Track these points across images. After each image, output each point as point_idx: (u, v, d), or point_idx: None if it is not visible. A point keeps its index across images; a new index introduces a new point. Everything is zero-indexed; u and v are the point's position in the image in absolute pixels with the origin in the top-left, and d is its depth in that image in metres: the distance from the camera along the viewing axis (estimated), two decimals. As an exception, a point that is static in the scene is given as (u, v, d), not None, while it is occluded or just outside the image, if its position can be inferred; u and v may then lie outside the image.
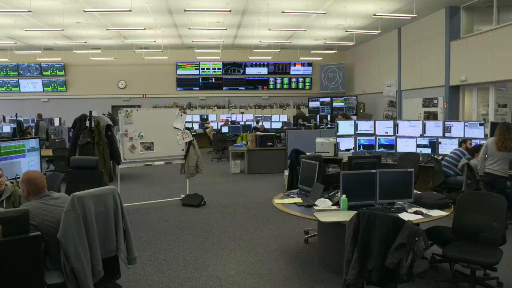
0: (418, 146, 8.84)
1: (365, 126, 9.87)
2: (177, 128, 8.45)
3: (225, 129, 16.96)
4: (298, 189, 5.95)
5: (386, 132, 9.53)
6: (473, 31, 12.68)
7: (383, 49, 17.37)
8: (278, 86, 21.87)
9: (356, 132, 9.79)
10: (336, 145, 9.37)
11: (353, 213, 3.75)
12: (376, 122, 9.87)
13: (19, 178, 3.75)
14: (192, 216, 7.52)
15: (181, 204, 8.34)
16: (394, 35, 16.30)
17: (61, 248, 3.25)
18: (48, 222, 3.37)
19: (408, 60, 15.49)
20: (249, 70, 21.66)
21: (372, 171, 4.90)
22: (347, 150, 9.40)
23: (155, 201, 8.49)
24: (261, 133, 12.87)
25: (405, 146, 9.00)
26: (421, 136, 9.05)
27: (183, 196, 8.54)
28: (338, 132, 9.89)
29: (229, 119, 19.60)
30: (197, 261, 5.35)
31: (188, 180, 8.73)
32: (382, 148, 9.28)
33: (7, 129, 16.12)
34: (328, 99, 20.82)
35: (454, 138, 8.56)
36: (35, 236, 2.93)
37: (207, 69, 21.56)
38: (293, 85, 21.93)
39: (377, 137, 9.40)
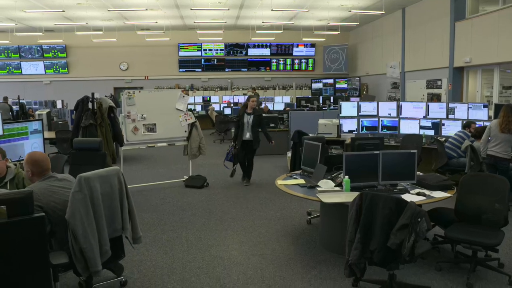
0: (421, 127, 8.82)
1: (368, 107, 9.84)
2: (180, 110, 8.44)
3: (227, 111, 16.93)
4: (300, 170, 5.98)
5: (389, 114, 9.51)
6: (479, 11, 12.52)
7: (387, 30, 17.21)
8: (281, 67, 21.77)
9: (359, 114, 9.76)
10: (339, 127, 9.37)
11: (355, 194, 3.76)
12: (379, 103, 9.84)
13: (22, 160, 3.76)
14: (195, 198, 7.56)
15: (184, 185, 8.38)
16: (398, 16, 16.13)
17: (69, 228, 3.29)
18: (55, 203, 3.39)
19: (412, 41, 15.35)
20: (252, 51, 21.54)
21: (375, 152, 4.91)
22: (350, 131, 9.40)
23: (158, 183, 8.53)
24: (264, 115, 12.82)
25: (408, 127, 8.98)
26: (425, 117, 9.03)
27: (186, 177, 8.58)
28: (341, 113, 9.87)
29: (232, 100, 19.57)
30: (201, 241, 5.40)
31: (191, 162, 8.75)
32: (385, 130, 9.27)
33: (9, 111, 16.09)
34: (331, 81, 20.74)
35: (458, 120, 8.53)
36: (40, 217, 2.95)
37: (209, 50, 21.45)
38: (296, 66, 21.82)
39: (380, 119, 9.38)
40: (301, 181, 5.36)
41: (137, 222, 3.89)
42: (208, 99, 20.23)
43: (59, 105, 18.35)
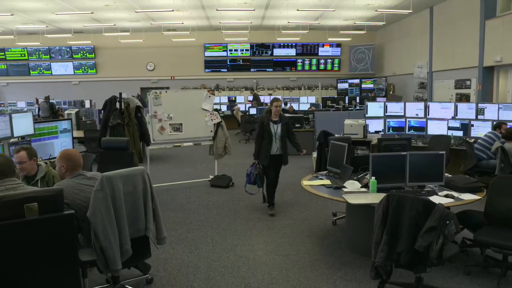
0: (449, 128, 8.66)
1: (394, 108, 9.72)
2: (206, 110, 8.49)
3: (252, 111, 16.95)
4: (326, 171, 5.94)
5: (417, 114, 9.37)
6: (510, 9, 12.23)
7: (414, 29, 16.96)
8: (306, 67, 21.69)
9: (386, 114, 9.65)
10: (365, 127, 9.27)
11: (382, 195, 3.72)
12: (406, 103, 9.71)
13: (53, 158, 3.84)
14: (221, 197, 7.59)
15: (210, 185, 8.43)
16: (426, 15, 15.87)
17: (91, 226, 3.35)
18: (80, 201, 3.45)
19: (440, 40, 15.08)
20: (277, 52, 21.52)
21: (402, 153, 4.84)
22: (376, 132, 9.29)
23: (184, 182, 8.60)
24: (290, 115, 12.81)
25: (436, 128, 8.83)
26: (453, 118, 8.85)
27: (211, 177, 8.62)
28: (367, 114, 9.77)
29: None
30: (226, 241, 5.42)
31: (217, 161, 8.79)
32: (412, 131, 9.13)
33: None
34: (357, 81, 20.56)
35: (488, 120, 8.34)
36: (69, 215, 3.01)
37: (235, 50, 21.53)
38: (322, 66, 21.71)
39: (407, 119, 9.25)
40: (327, 181, 5.33)
41: (162, 223, 3.90)
42: (233, 99, 20.30)
43: (87, 105, 18.72)
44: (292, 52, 21.56)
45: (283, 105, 17.44)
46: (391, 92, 19.05)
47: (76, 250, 3.10)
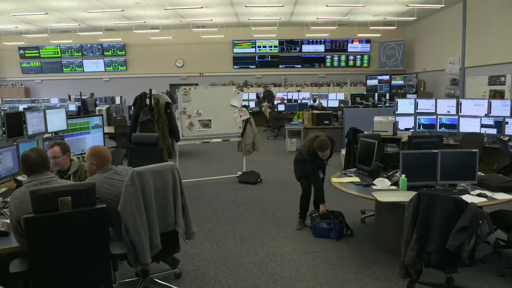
0: (482, 126, 8.43)
1: (425, 104, 9.54)
2: (234, 106, 8.52)
3: (281, 107, 16.92)
4: (355, 168, 5.88)
5: (448, 111, 9.17)
6: (547, 2, 11.85)
7: (446, 24, 16.58)
8: (335, 63, 21.49)
9: (416, 111, 9.48)
10: (395, 124, 9.15)
11: (412, 193, 3.67)
12: (438, 100, 9.51)
13: (85, 153, 3.92)
14: (249, 193, 7.62)
15: (238, 181, 8.46)
16: (459, 9, 15.50)
17: (122, 220, 3.41)
18: (111, 196, 3.51)
19: (473, 35, 14.71)
20: (306, 48, 21.39)
21: (434, 151, 4.76)
22: (407, 129, 9.14)
23: (213, 178, 8.66)
24: (318, 111, 12.75)
25: (468, 126, 8.62)
26: (486, 115, 8.63)
27: (240, 173, 8.66)
28: (397, 110, 9.63)
29: (285, 97, 19.54)
30: (253, 237, 5.44)
31: (245, 158, 8.82)
32: (443, 128, 8.94)
33: (72, 107, 16.88)
34: (386, 77, 20.25)
35: (523, 117, 8.10)
36: (101, 208, 3.07)
37: (263, 47, 21.51)
38: (351, 62, 21.47)
39: (438, 116, 9.06)
40: (356, 179, 5.29)
41: (191, 218, 3.94)
42: (262, 95, 20.30)
43: (117, 101, 19.08)
44: (321, 48, 21.39)
45: (311, 101, 17.43)
46: (421, 89, 18.70)
47: (108, 243, 3.16)
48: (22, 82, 22.19)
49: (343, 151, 8.67)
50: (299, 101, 18.24)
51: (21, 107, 16.18)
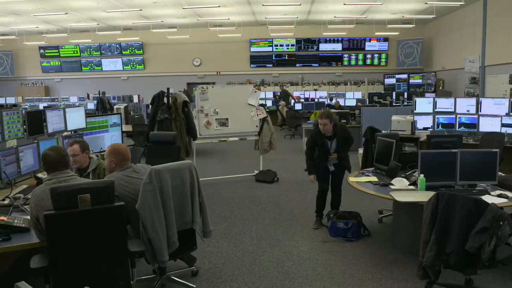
0: (503, 125, 8.29)
1: (444, 103, 9.41)
2: (252, 105, 8.53)
3: (298, 106, 16.88)
4: (373, 168, 5.84)
5: (468, 110, 9.03)
6: None
7: (466, 22, 16.33)
8: (353, 62, 21.34)
9: (435, 110, 9.36)
10: (413, 123, 9.05)
11: (431, 193, 3.63)
12: (457, 99, 9.37)
13: (103, 151, 3.96)
14: (266, 192, 7.62)
15: (255, 179, 8.47)
16: (479, 6, 15.24)
17: (140, 218, 3.43)
18: (129, 194, 3.55)
19: (494, 33, 14.45)
20: (323, 46, 21.29)
21: (453, 150, 4.70)
22: (425, 128, 9.04)
23: (230, 176, 8.67)
24: (335, 110, 12.68)
25: (488, 125, 8.48)
26: (507, 115, 8.48)
27: (256, 172, 8.66)
28: (415, 109, 9.51)
29: (302, 96, 19.47)
30: (270, 236, 5.43)
31: (262, 156, 8.82)
32: (462, 127, 8.82)
33: (91, 106, 17.07)
34: (405, 76, 20.04)
35: (545, 117, 7.94)
36: (119, 206, 3.10)
37: (280, 45, 21.47)
38: (368, 61, 21.31)
39: (458, 116, 8.94)
40: (374, 178, 5.25)
41: (208, 216, 3.96)
42: (278, 94, 20.26)
43: (135, 100, 19.22)
44: (338, 47, 21.27)
45: (328, 100, 17.35)
46: (440, 88, 18.47)
47: (126, 240, 3.19)
48: (42, 81, 22.55)
49: (361, 150, 8.61)
50: (316, 100, 18.17)
51: (41, 106, 16.43)
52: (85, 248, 3.01)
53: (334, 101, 16.40)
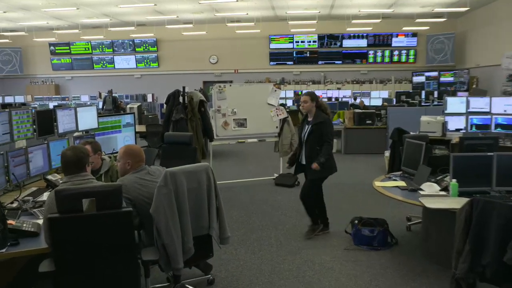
0: (544, 127, 8.15)
1: (478, 103, 9.26)
2: (271, 105, 8.52)
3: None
4: (400, 172, 5.78)
5: (505, 111, 8.87)
6: None
7: (504, 14, 16.03)
8: (379, 59, 21.19)
9: (468, 110, 9.23)
10: (444, 125, 8.93)
11: (464, 200, 3.57)
12: (492, 98, 9.22)
13: (116, 152, 3.97)
14: (286, 197, 7.59)
15: (274, 183, 8.45)
16: (518, -2, 15.00)
17: (154, 223, 3.44)
18: (143, 197, 3.56)
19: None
20: (347, 43, 21.18)
21: (488, 153, 4.61)
22: (457, 130, 8.92)
23: (248, 180, 8.67)
24: (360, 110, 12.61)
25: (528, 126, 8.34)
26: (548, 115, 8.32)
27: (276, 175, 8.64)
28: (446, 110, 9.38)
29: (325, 95, 19.41)
30: (291, 243, 5.41)
31: (282, 159, 8.79)
32: (499, 129, 8.67)
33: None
34: (435, 73, 19.81)
35: None
36: (127, 212, 3.08)
37: (302, 42, 21.44)
38: (395, 58, 21.12)
39: (493, 116, 8.80)
40: (402, 183, 5.19)
41: (226, 222, 3.94)
42: (299, 93, 20.21)
43: (149, 99, 19.39)
44: (363, 43, 21.13)
45: (352, 100, 17.24)
46: (474, 86, 18.19)
47: (135, 247, 3.19)
48: (52, 79, 22.94)
49: (387, 153, 8.53)
50: (339, 100, 18.08)
51: (51, 105, 16.68)
52: (90, 254, 3.01)
53: (358, 100, 16.30)
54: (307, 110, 5.64)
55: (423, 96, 17.15)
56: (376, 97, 18.56)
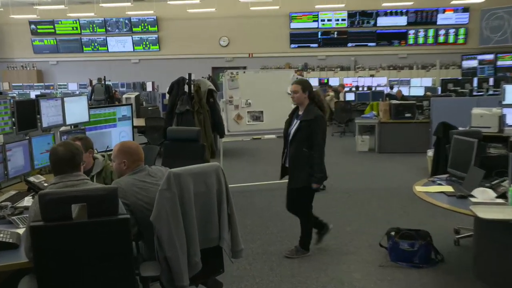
0: None
1: (544, 92, 9.21)
2: (292, 94, 8.51)
3: (350, 96, 16.78)
4: (447, 174, 5.75)
5: None
6: None
7: None
8: (420, 40, 21.10)
9: (531, 101, 9.17)
10: (501, 118, 8.87)
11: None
12: None
13: (109, 151, 3.99)
14: (309, 204, 7.59)
15: (295, 187, 8.45)
16: None
17: (155, 232, 3.45)
18: (142, 202, 3.56)
19: None
20: (382, 21, 21.13)
21: (556, 154, 4.57)
22: (517, 125, 8.87)
23: (264, 183, 8.66)
24: (397, 102, 12.55)
25: None
26: None
27: (297, 178, 8.64)
28: (504, 100, 9.31)
29: (356, 83, 19.36)
30: (315, 258, 5.41)
31: (304, 159, 8.79)
32: None
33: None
34: (490, 56, 19.66)
35: None
36: (124, 219, 3.08)
37: (328, 20, 21.44)
38: (441, 38, 21.00)
39: None
40: (448, 188, 5.15)
41: (238, 232, 3.94)
42: (325, 81, 20.19)
43: (149, 88, 19.49)
44: (401, 21, 21.04)
45: (388, 89, 17.16)
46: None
47: (131, 260, 3.20)
48: (34, 63, 23.17)
49: (430, 152, 8.49)
50: (372, 89, 18.02)
51: (33, 94, 16.84)
52: (79, 268, 3.01)
53: (395, 89, 16.23)
54: (298, 102, 5.47)
55: (475, 84, 16.98)
56: (417, 85, 18.47)
